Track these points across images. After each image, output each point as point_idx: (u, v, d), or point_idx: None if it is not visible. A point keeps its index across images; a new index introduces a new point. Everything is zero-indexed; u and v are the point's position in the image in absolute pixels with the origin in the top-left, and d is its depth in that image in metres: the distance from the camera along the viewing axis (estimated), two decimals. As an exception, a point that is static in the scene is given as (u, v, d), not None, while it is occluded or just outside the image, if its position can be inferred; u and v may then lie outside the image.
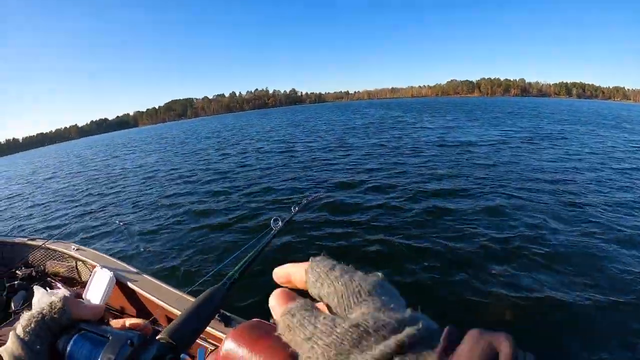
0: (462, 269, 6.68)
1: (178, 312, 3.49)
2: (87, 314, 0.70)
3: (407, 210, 10.17)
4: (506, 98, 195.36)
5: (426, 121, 40.28)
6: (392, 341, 0.38)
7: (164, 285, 4.07)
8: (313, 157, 21.24)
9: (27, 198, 21.72)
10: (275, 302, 0.52)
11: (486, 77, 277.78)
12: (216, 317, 3.20)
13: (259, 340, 1.00)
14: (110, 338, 0.67)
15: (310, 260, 0.54)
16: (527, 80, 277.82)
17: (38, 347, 0.62)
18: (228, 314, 3.31)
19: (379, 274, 0.51)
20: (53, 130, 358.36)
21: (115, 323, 0.78)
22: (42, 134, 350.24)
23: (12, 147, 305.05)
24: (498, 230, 8.37)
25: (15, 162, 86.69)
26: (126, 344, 0.66)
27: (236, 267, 2.90)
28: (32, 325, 0.64)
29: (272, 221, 2.93)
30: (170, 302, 3.71)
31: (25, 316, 0.66)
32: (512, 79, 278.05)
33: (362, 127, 38.69)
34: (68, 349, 0.65)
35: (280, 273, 0.58)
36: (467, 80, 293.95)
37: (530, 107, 74.61)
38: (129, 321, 0.78)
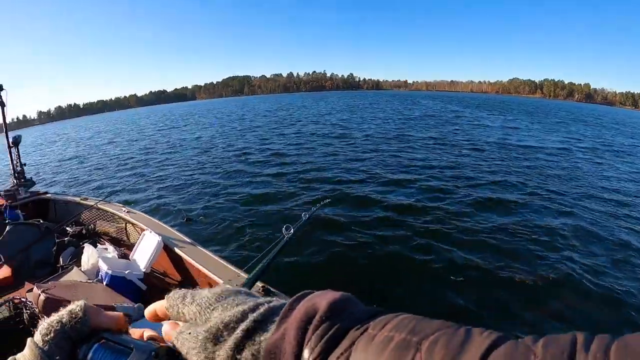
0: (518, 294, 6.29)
1: (220, 281, 3.47)
2: (107, 323, 0.62)
3: (459, 215, 9.15)
4: (568, 102, 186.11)
5: (486, 119, 38.15)
6: (239, 330, 0.48)
7: (209, 253, 4.06)
8: (368, 146, 20.02)
9: (85, 161, 22.28)
10: (166, 331, 0.62)
11: (549, 79, 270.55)
12: (260, 292, 3.11)
13: None
14: (133, 348, 0.56)
15: (165, 297, 0.63)
16: (592, 86, 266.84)
17: (57, 357, 0.57)
18: (272, 289, 3.24)
19: (221, 283, 0.83)
20: (113, 98, 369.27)
21: (134, 333, 0.69)
22: (102, 101, 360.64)
23: (72, 111, 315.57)
24: (556, 261, 6.93)
25: (77, 125, 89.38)
26: (150, 356, 0.56)
27: (249, 275, 2.88)
28: (52, 334, 0.57)
29: (284, 229, 3.09)
30: (215, 270, 3.69)
31: (44, 323, 0.60)
32: (576, 83, 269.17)
33: (420, 118, 37.08)
34: (89, 358, 0.55)
35: (149, 311, 0.66)
36: (529, 80, 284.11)
37: (595, 114, 69.32)
38: (147, 333, 0.68)
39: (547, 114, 54.23)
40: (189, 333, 0.53)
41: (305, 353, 0.42)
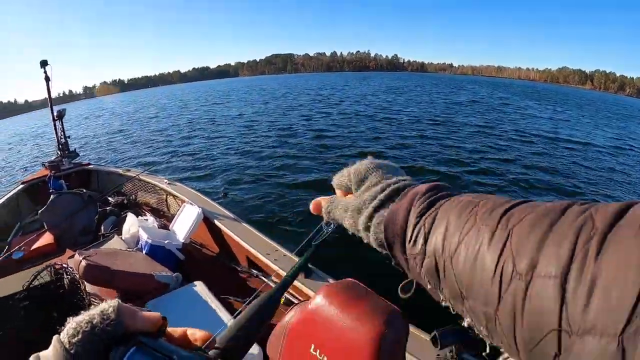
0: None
1: (259, 255, 3.51)
2: (144, 326, 0.58)
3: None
4: (619, 96, 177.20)
5: (535, 109, 35.85)
6: (370, 206, 0.66)
7: (248, 226, 4.09)
8: (413, 128, 19.46)
9: (127, 135, 22.65)
10: (317, 201, 0.89)
11: (601, 70, 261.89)
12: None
13: (353, 302, 1.00)
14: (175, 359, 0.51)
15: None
16: None
17: None
18: (312, 267, 3.24)
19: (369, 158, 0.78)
20: (157, 74, 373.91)
21: (175, 332, 0.64)
22: (146, 76, 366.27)
23: (118, 86, 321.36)
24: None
25: (123, 100, 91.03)
26: None
27: (289, 272, 2.84)
28: (80, 336, 0.53)
29: (323, 224, 2.90)
30: (253, 244, 3.70)
31: (72, 323, 0.55)
32: (628, 77, 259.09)
33: (467, 103, 35.69)
34: None
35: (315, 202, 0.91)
36: (579, 70, 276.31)
37: None
38: (190, 331, 0.64)
39: (597, 108, 50.74)
40: (341, 205, 0.76)
41: (412, 212, 0.57)
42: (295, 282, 3.06)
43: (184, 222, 4.32)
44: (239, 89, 74.09)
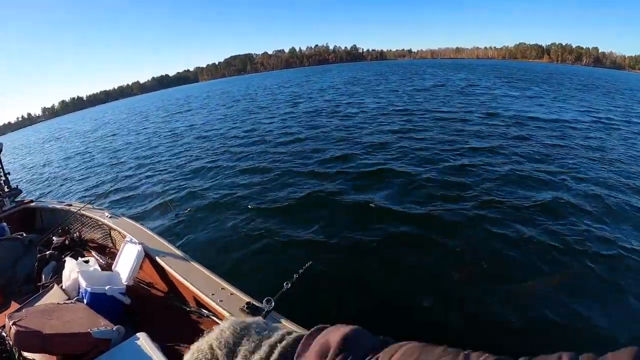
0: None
1: (206, 298, 3.30)
2: None
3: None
4: (577, 67, 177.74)
5: (498, 88, 35.22)
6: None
7: (193, 263, 3.88)
8: (380, 122, 18.39)
9: (81, 159, 21.98)
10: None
11: (557, 43, 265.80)
12: (245, 309, 2.99)
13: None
14: None
15: None
16: (600, 50, 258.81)
17: None
18: (258, 304, 3.05)
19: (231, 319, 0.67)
20: (116, 87, 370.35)
21: None
22: (105, 91, 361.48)
23: (77, 104, 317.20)
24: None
25: (82, 118, 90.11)
26: None
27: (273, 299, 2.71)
28: None
29: (264, 301, 2.92)
30: (199, 285, 3.49)
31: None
32: (584, 47, 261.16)
33: (432, 89, 34.73)
34: None
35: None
36: (536, 45, 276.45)
37: (608, 80, 64.55)
38: None
39: (558, 81, 50.31)
40: None
41: None
42: None
43: (126, 262, 4.09)
44: (197, 96, 73.14)
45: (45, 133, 62.03)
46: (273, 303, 2.87)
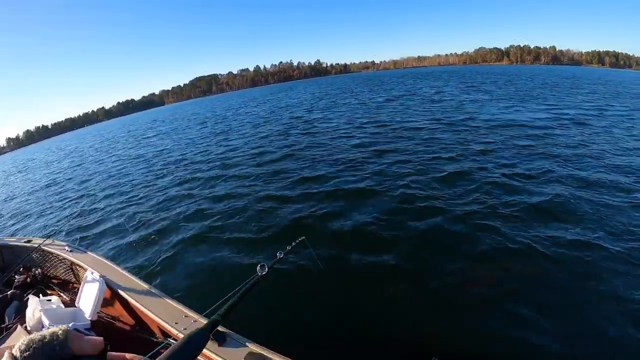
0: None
1: (170, 328, 3.31)
2: (88, 349, 0.55)
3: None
4: (536, 66, 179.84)
5: (466, 93, 35.01)
6: None
7: (156, 292, 3.88)
8: (353, 138, 17.68)
9: (42, 193, 21.18)
10: None
11: (515, 45, 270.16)
12: (210, 336, 2.89)
13: None
14: None
15: None
16: (557, 48, 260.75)
17: None
18: (223, 329, 3.06)
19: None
20: (81, 114, 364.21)
21: (114, 356, 0.60)
22: (70, 118, 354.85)
23: (42, 133, 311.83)
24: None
25: (45, 147, 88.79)
26: None
27: (220, 311, 2.67)
28: (31, 351, 0.57)
29: (258, 267, 3.00)
30: (163, 314, 3.51)
31: (25, 339, 0.69)
32: (542, 47, 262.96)
33: (401, 99, 34.38)
34: None
35: None
36: (495, 48, 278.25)
37: (565, 77, 64.29)
38: (128, 355, 0.59)
39: (517, 83, 49.90)
40: None
41: None
42: (207, 352, 2.88)
43: (88, 296, 4.06)
44: (163, 120, 72.09)
45: (9, 165, 60.56)
46: (267, 268, 3.00)
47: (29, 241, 5.99)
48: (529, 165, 11.48)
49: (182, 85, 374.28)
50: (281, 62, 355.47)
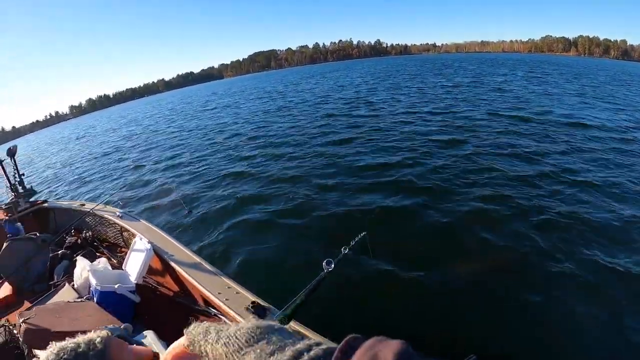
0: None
1: (212, 297, 3.32)
2: None
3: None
4: (604, 60, 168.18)
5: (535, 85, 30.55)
6: None
7: (203, 263, 3.88)
8: (434, 131, 14.94)
9: (99, 159, 21.94)
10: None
11: (584, 35, 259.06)
12: (250, 309, 3.00)
13: None
14: None
15: (184, 331, 0.67)
16: (628, 43, 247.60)
17: None
18: (264, 303, 3.07)
19: (253, 320, 0.59)
20: (142, 85, 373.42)
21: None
22: (131, 89, 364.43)
23: (104, 102, 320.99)
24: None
25: (108, 116, 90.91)
26: None
27: (287, 310, 2.63)
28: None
29: (324, 263, 2.83)
30: (206, 284, 3.52)
31: (55, 348, 0.56)
32: (612, 40, 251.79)
33: (464, 85, 31.33)
34: None
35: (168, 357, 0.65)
36: (563, 37, 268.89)
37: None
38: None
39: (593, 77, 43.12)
40: None
41: None
42: None
43: (135, 261, 4.15)
44: (223, 93, 71.01)
45: (70, 131, 62.57)
46: (333, 265, 2.81)
47: (82, 205, 6.21)
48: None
49: (241, 59, 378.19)
50: (340, 41, 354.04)
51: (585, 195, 8.33)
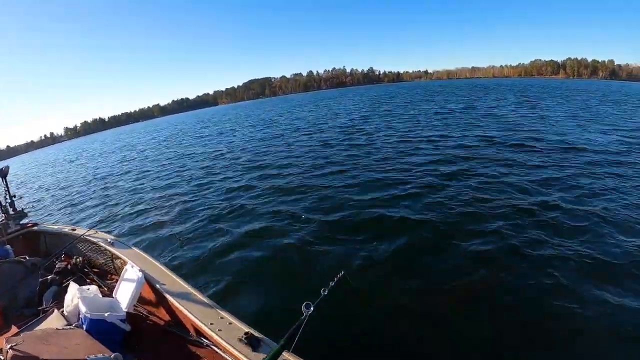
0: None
1: (205, 327, 3.27)
2: None
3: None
4: (592, 81, 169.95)
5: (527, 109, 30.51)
6: None
7: (196, 293, 3.84)
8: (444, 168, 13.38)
9: (93, 184, 21.61)
10: None
11: (572, 57, 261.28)
12: (243, 339, 2.97)
13: None
14: None
15: None
16: (616, 62, 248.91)
17: None
18: (257, 335, 3.05)
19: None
20: (137, 110, 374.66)
21: None
22: (126, 113, 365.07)
23: (99, 125, 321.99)
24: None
25: (101, 139, 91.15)
26: None
27: (267, 357, 2.57)
28: None
29: (303, 307, 2.74)
30: (199, 313, 3.47)
31: None
32: (599, 60, 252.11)
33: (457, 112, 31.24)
34: None
35: None
36: (551, 61, 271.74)
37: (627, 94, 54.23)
38: None
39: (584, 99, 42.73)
40: None
41: None
42: (241, 356, 2.87)
43: (127, 289, 4.06)
44: (222, 119, 70.58)
45: (65, 153, 62.79)
46: (312, 308, 2.73)
47: (73, 229, 6.14)
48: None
49: (235, 86, 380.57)
50: (334, 68, 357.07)
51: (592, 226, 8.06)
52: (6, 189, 6.38)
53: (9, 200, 6.43)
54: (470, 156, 14.78)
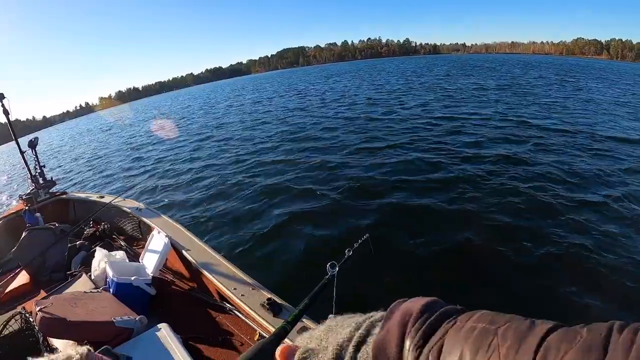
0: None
1: (228, 292, 3.32)
2: None
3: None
4: (637, 64, 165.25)
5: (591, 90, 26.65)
6: (351, 347, 0.52)
7: (220, 259, 3.87)
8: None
9: (119, 151, 22.15)
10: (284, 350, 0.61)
11: (616, 38, 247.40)
12: (265, 305, 3.02)
13: None
14: None
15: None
16: None
17: None
18: (279, 300, 3.09)
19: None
20: (170, 79, 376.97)
21: None
22: (160, 82, 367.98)
23: (133, 95, 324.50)
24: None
25: (133, 108, 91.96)
26: None
27: (289, 317, 2.59)
28: None
29: (328, 266, 2.73)
30: (223, 279, 3.51)
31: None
32: None
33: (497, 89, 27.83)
34: None
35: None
36: (595, 40, 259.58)
37: None
38: None
39: None
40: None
41: (407, 342, 0.47)
42: (263, 322, 2.92)
43: (153, 254, 4.15)
44: (248, 90, 68.57)
45: (99, 123, 63.26)
46: (337, 268, 2.77)
47: (101, 197, 6.30)
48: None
49: (269, 55, 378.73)
50: (369, 39, 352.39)
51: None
52: (36, 159, 6.52)
53: (39, 170, 6.59)
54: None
